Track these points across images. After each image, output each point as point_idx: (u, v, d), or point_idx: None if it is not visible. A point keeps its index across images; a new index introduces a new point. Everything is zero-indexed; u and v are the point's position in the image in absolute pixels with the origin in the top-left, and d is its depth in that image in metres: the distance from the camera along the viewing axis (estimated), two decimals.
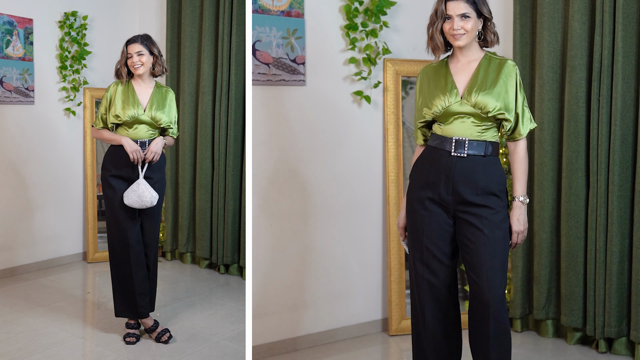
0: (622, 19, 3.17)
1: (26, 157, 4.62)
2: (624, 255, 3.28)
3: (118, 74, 3.25)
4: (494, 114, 2.39)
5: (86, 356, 3.23)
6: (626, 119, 3.24)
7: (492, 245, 2.40)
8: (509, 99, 2.40)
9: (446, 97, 2.43)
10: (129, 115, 3.18)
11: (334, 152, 3.57)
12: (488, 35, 2.45)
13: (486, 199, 2.40)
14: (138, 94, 3.24)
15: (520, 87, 2.43)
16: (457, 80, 2.45)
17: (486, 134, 2.44)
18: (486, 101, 2.38)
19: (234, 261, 4.59)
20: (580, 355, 3.37)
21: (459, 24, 2.37)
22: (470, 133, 2.42)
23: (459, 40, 2.39)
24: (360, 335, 3.65)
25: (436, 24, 2.42)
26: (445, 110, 2.43)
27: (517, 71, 2.43)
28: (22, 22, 4.52)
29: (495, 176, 2.42)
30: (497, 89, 2.39)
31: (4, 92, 4.43)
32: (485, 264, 2.40)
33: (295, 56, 3.47)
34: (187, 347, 3.29)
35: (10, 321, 3.60)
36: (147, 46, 3.23)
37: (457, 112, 2.43)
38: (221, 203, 4.60)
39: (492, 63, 2.44)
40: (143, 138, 3.24)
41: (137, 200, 3.15)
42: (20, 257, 4.61)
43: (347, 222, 3.62)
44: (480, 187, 2.40)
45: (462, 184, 2.41)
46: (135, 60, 3.19)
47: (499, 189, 2.43)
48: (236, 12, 4.43)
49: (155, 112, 3.23)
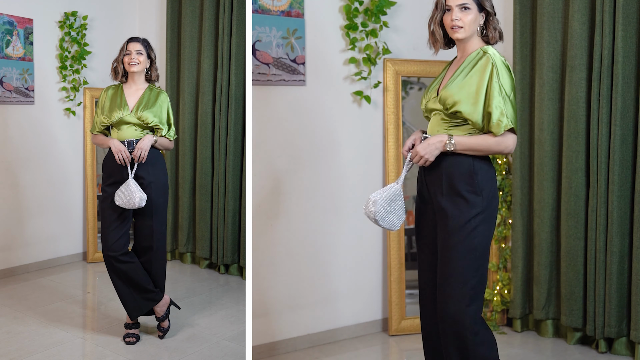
0: (622, 19, 3.17)
1: (26, 157, 4.62)
2: (624, 255, 3.28)
3: (115, 72, 3.30)
4: (452, 110, 2.27)
5: (86, 356, 3.23)
6: (626, 119, 3.24)
7: (449, 251, 2.27)
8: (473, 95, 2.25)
9: (428, 94, 2.42)
10: (116, 117, 3.23)
11: (334, 152, 3.57)
12: (490, 31, 2.36)
13: (451, 200, 2.28)
14: (127, 96, 3.28)
15: (499, 86, 2.23)
16: (447, 76, 2.41)
17: (454, 131, 2.30)
18: (446, 96, 2.29)
19: (234, 261, 4.59)
20: (580, 355, 3.37)
21: (458, 15, 2.30)
22: (438, 130, 2.35)
23: (457, 32, 2.31)
24: (360, 335, 3.65)
25: (435, 16, 2.37)
26: (425, 106, 2.43)
27: (493, 67, 2.24)
28: (22, 22, 4.52)
29: (462, 176, 2.27)
30: (457, 83, 2.27)
31: (4, 92, 4.43)
32: (441, 271, 2.30)
33: (295, 56, 3.47)
34: (187, 347, 3.29)
35: (10, 321, 3.60)
36: (147, 49, 3.30)
37: (432, 109, 2.39)
38: (221, 203, 4.60)
39: (475, 57, 2.29)
40: (131, 138, 3.24)
41: (126, 201, 3.15)
42: (20, 257, 4.61)
43: (347, 222, 3.62)
44: (446, 187, 2.30)
45: (431, 182, 2.37)
46: (133, 57, 3.24)
47: (468, 189, 2.27)
48: (236, 12, 4.43)
49: (141, 112, 3.23)
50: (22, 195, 4.61)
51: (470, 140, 2.27)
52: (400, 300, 3.64)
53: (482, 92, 2.25)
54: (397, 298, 3.64)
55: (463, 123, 2.31)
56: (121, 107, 3.24)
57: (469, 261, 2.26)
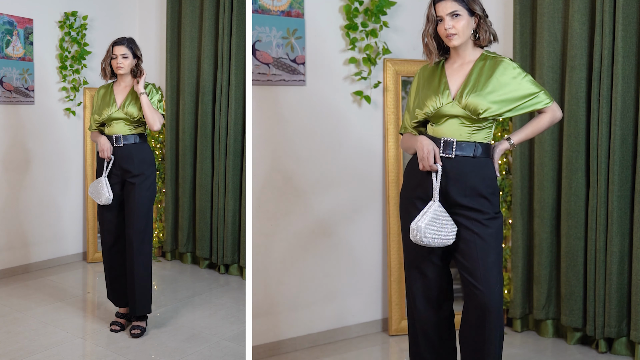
0: (622, 19, 3.17)
1: (26, 157, 4.62)
2: (624, 255, 3.28)
3: (104, 72, 3.46)
4: (485, 115, 2.36)
5: (86, 356, 3.23)
6: (626, 119, 3.24)
7: (484, 244, 2.39)
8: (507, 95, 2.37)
9: (438, 98, 2.42)
10: (105, 114, 3.42)
11: (333, 152, 3.57)
12: (481, 34, 2.41)
13: (475, 200, 2.39)
14: (116, 94, 3.46)
15: (524, 76, 2.39)
16: (451, 81, 2.44)
17: (477, 135, 2.41)
18: (476, 102, 2.35)
19: (234, 261, 4.59)
20: (580, 355, 3.37)
21: (450, 23, 2.35)
22: (460, 134, 2.40)
23: (453, 40, 2.37)
24: (360, 335, 3.65)
25: (428, 27, 2.43)
26: (437, 111, 2.42)
27: (514, 65, 2.40)
28: (22, 22, 4.52)
29: (484, 178, 2.40)
30: (489, 89, 2.36)
31: (4, 92, 4.44)
32: (479, 264, 2.39)
33: (295, 56, 3.47)
34: (187, 347, 3.29)
35: (10, 321, 3.60)
36: (132, 49, 3.43)
37: (448, 114, 2.41)
38: (221, 203, 4.60)
39: (488, 63, 2.41)
40: (119, 133, 3.41)
41: (95, 195, 3.39)
42: (20, 257, 4.61)
43: (347, 222, 3.62)
44: (468, 189, 2.39)
45: (450, 185, 2.40)
46: (119, 61, 3.38)
47: (489, 191, 2.40)
48: (236, 12, 4.43)
49: (127, 108, 3.40)
50: (22, 195, 4.61)
51: (528, 131, 2.49)
52: (400, 300, 3.64)
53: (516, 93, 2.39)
54: (397, 298, 3.64)
55: (486, 126, 2.42)
56: (110, 104, 3.43)
57: (500, 251, 2.47)
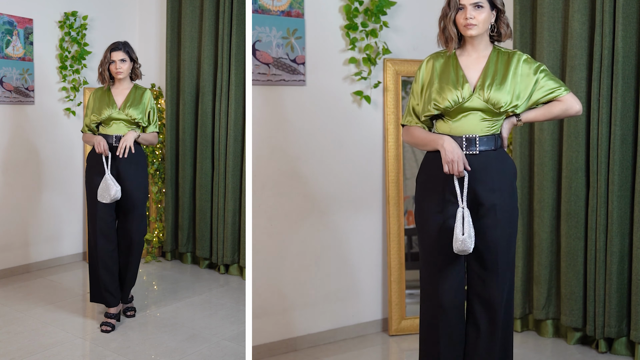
0: (622, 19, 3.17)
1: (26, 157, 4.62)
2: (624, 255, 3.28)
3: (102, 77, 3.51)
4: (506, 108, 2.38)
5: (86, 356, 3.23)
6: (626, 119, 3.24)
7: (507, 241, 2.43)
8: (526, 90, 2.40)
9: (458, 92, 2.38)
10: (105, 114, 3.47)
11: (334, 152, 3.57)
12: (502, 28, 2.41)
13: (500, 195, 2.40)
14: (115, 96, 3.53)
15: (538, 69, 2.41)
16: (468, 74, 2.41)
17: (494, 128, 2.42)
18: (498, 97, 2.36)
19: (234, 261, 4.59)
20: (580, 355, 3.37)
21: (472, 14, 2.34)
22: (480, 129, 2.39)
23: (471, 29, 2.35)
24: (360, 335, 3.65)
25: (449, 14, 2.38)
26: (458, 105, 2.38)
27: (526, 57, 2.42)
28: (22, 22, 4.52)
29: (508, 171, 2.44)
30: (508, 83, 2.38)
31: (4, 92, 4.43)
32: (501, 261, 2.42)
33: (295, 56, 3.47)
34: (187, 347, 3.29)
35: (10, 321, 3.60)
36: (128, 53, 3.50)
37: (470, 108, 2.38)
38: (221, 203, 4.60)
39: (501, 57, 2.42)
40: (119, 133, 3.49)
41: (104, 197, 3.39)
42: (20, 257, 4.61)
43: (347, 222, 3.62)
44: (495, 183, 2.40)
45: (477, 181, 2.39)
46: (118, 66, 3.47)
47: (512, 185, 2.44)
48: (236, 12, 4.43)
49: (128, 109, 3.48)
50: (22, 195, 4.61)
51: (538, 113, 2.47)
52: (400, 300, 3.64)
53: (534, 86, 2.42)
54: (397, 298, 3.64)
55: (501, 119, 2.43)
56: (110, 105, 3.49)
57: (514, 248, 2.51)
